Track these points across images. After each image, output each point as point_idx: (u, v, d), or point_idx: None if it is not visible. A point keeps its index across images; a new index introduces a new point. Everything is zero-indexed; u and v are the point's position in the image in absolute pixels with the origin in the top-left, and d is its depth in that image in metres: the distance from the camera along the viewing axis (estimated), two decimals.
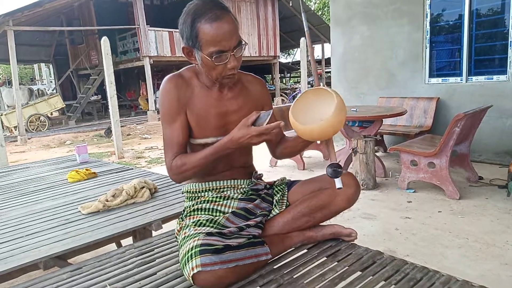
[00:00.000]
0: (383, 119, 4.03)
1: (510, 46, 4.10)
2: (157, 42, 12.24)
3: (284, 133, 1.61)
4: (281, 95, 14.99)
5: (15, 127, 10.39)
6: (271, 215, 1.47)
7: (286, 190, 1.54)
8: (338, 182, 1.28)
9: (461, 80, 4.53)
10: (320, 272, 1.27)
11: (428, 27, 4.70)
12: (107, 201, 1.99)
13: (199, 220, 1.37)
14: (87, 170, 2.74)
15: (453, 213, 2.92)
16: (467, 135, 3.46)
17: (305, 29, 1.37)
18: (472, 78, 4.47)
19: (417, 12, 4.71)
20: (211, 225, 1.34)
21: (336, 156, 1.32)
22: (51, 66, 18.48)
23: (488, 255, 2.26)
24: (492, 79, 4.30)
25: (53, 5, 10.80)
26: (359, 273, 1.26)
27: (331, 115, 1.21)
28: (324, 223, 1.51)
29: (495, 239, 2.46)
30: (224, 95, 1.41)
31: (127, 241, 1.85)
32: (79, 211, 1.98)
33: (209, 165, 1.35)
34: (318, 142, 4.21)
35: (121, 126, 6.49)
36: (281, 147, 1.55)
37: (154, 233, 1.80)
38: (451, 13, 4.58)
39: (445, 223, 2.73)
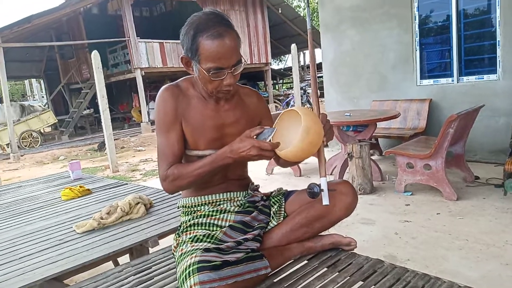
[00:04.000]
0: (377, 123, 4.03)
1: (499, 45, 4.14)
2: (148, 54, 12.22)
3: None
4: (274, 102, 15.01)
5: (7, 144, 10.28)
6: (269, 227, 1.45)
7: (283, 201, 1.52)
8: (324, 199, 1.25)
9: (453, 80, 4.55)
10: (321, 284, 1.25)
11: (417, 29, 4.74)
12: (101, 218, 1.95)
13: (196, 235, 1.34)
14: (81, 187, 2.70)
15: (451, 214, 2.91)
16: (461, 135, 3.47)
17: (308, 27, 1.36)
18: (463, 79, 4.50)
19: (406, 14, 4.75)
20: (208, 240, 1.31)
21: (325, 170, 1.29)
22: (42, 81, 18.42)
23: (489, 255, 2.25)
24: (483, 78, 4.33)
25: (42, 21, 10.76)
26: (360, 283, 1.25)
27: (298, 140, 1.18)
28: (323, 233, 1.49)
29: (495, 239, 2.45)
30: (221, 107, 1.40)
31: (124, 259, 1.82)
32: (74, 230, 1.94)
33: (206, 177, 1.32)
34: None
35: (114, 139, 6.44)
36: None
37: (151, 250, 1.77)
38: (439, 15, 4.62)
39: (444, 225, 2.72)
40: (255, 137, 1.23)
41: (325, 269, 1.35)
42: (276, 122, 1.31)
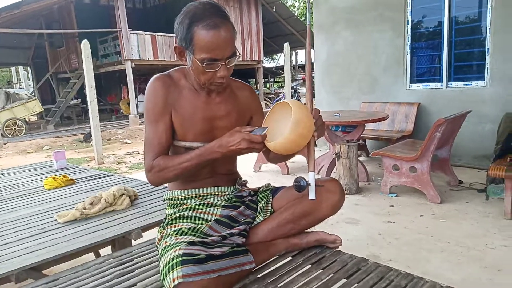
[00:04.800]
0: (366, 124, 4.06)
1: (488, 52, 4.21)
2: (139, 46, 12.10)
3: None
4: (265, 100, 15.02)
5: None
6: (255, 223, 1.44)
7: (271, 197, 1.51)
8: (310, 193, 1.24)
9: (441, 85, 4.61)
10: (305, 281, 1.25)
11: (409, 33, 4.78)
12: (84, 209, 1.92)
13: (180, 228, 1.33)
14: (64, 176, 2.65)
15: (435, 217, 2.95)
16: (447, 139, 3.52)
17: (307, 23, 1.34)
18: (452, 84, 4.56)
19: (399, 18, 4.79)
20: (193, 233, 1.30)
21: (314, 165, 1.28)
22: (29, 69, 18.05)
23: (469, 258, 2.29)
24: (471, 85, 4.39)
25: (32, 7, 10.56)
26: (344, 280, 1.25)
27: (288, 131, 1.17)
28: (308, 230, 1.49)
29: (476, 242, 2.49)
30: (212, 99, 1.38)
31: (105, 251, 1.79)
32: (55, 220, 1.90)
33: (193, 170, 1.30)
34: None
35: (101, 131, 6.36)
36: (273, 152, 1.53)
37: (134, 242, 1.75)
38: (431, 20, 4.67)
39: (427, 227, 2.76)
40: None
41: (310, 265, 1.35)
42: (268, 114, 1.31)
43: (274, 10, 15.37)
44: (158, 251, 1.35)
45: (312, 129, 1.22)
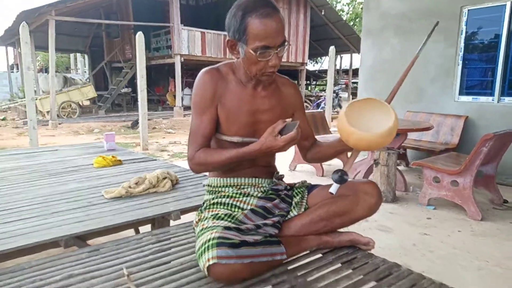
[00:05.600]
0: (408, 133, 3.96)
1: None
2: (189, 41, 12.42)
3: (316, 137, 1.62)
4: (305, 102, 14.93)
5: (47, 111, 10.75)
6: (289, 216, 1.47)
7: (306, 193, 1.54)
8: (333, 188, 1.27)
9: (493, 100, 4.40)
10: (335, 278, 1.26)
11: (462, 44, 4.60)
12: (130, 187, 2.04)
13: (217, 213, 1.39)
14: (113, 157, 2.81)
15: (473, 234, 2.84)
16: (495, 156, 3.36)
17: (416, 53, 1.35)
18: (504, 99, 4.34)
19: (452, 28, 4.62)
20: (229, 219, 1.35)
21: (351, 168, 1.31)
22: (86, 56, 19.10)
23: (510, 281, 2.19)
24: None
25: None
26: (374, 283, 1.24)
27: (385, 131, 1.21)
28: (341, 230, 1.50)
29: None
30: (258, 93, 1.43)
31: (145, 228, 1.90)
32: (102, 195, 2.04)
33: (231, 166, 1.38)
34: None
35: (148, 119, 6.62)
36: (313, 151, 1.56)
37: (172, 223, 1.84)
38: (487, 31, 4.46)
39: (464, 243, 2.66)
40: (280, 132, 1.27)
41: (340, 264, 1.36)
42: (353, 103, 1.33)
43: (322, 13, 15.22)
44: (195, 233, 1.42)
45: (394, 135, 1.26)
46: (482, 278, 2.21)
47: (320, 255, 1.43)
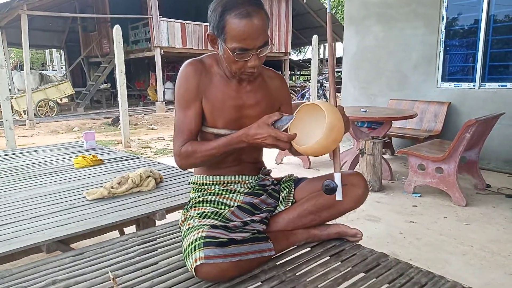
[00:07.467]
0: (393, 121, 3.98)
1: None
2: (168, 33, 12.22)
3: None
4: (290, 92, 14.93)
5: (24, 111, 10.47)
6: (276, 211, 1.46)
7: (293, 187, 1.52)
8: (338, 195, 1.24)
9: (474, 85, 4.46)
10: (323, 271, 1.26)
11: (443, 30, 4.64)
12: (112, 188, 1.99)
13: (204, 212, 1.36)
14: (93, 156, 2.74)
15: (458, 219, 2.89)
16: (477, 141, 3.41)
17: (327, 10, 1.30)
18: (485, 84, 4.40)
19: (433, 14, 4.64)
20: (216, 217, 1.33)
21: (339, 166, 1.26)
22: (62, 52, 18.57)
23: (493, 264, 2.23)
24: (506, 86, 4.23)
25: None
26: (362, 274, 1.25)
27: (322, 137, 1.15)
28: (329, 222, 1.49)
29: (501, 248, 2.42)
30: (243, 88, 1.39)
31: (130, 229, 1.85)
32: (84, 197, 1.98)
33: (219, 157, 1.33)
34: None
35: (129, 116, 6.49)
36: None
37: (157, 223, 1.80)
38: (467, 17, 4.51)
39: (450, 230, 2.70)
40: (273, 123, 1.22)
41: (328, 257, 1.36)
42: (295, 114, 1.28)
43: (304, 1, 15.17)
44: (181, 232, 1.39)
45: (343, 132, 1.20)
46: (468, 262, 2.26)
47: (308, 248, 1.42)
